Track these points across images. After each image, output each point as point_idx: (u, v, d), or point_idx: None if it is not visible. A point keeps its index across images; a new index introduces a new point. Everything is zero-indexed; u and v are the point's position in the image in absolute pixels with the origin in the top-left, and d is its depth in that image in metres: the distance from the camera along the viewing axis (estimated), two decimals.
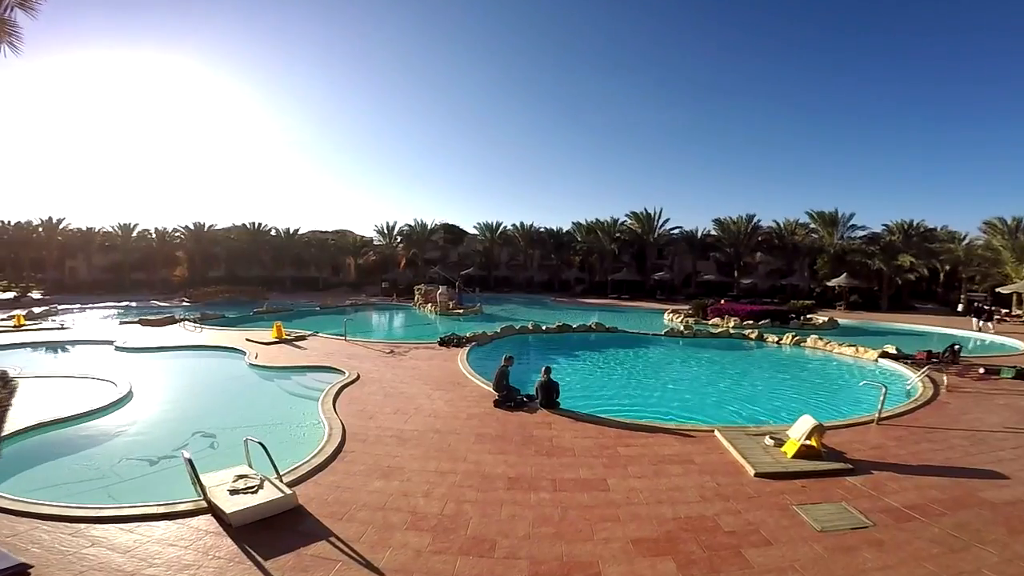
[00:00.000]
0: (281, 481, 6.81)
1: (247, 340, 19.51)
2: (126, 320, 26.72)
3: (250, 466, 7.33)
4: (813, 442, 8.39)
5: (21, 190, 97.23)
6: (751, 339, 22.80)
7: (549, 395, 10.67)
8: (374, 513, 6.38)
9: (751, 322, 27.25)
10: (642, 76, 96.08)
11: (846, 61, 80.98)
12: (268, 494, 6.54)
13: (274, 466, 6.79)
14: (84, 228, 58.24)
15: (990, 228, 42.77)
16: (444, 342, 18.64)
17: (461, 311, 32.12)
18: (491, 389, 11.57)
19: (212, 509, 6.34)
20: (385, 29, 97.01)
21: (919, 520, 6.46)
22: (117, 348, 18.64)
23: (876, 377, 16.35)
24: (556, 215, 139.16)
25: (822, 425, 8.63)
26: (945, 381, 14.15)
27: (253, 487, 6.66)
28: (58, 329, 23.61)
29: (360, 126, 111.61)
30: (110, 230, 57.19)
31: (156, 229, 57.35)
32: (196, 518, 6.23)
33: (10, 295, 45.89)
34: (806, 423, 8.54)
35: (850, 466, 8.14)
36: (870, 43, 77.32)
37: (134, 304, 37.24)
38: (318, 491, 6.98)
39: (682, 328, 24.13)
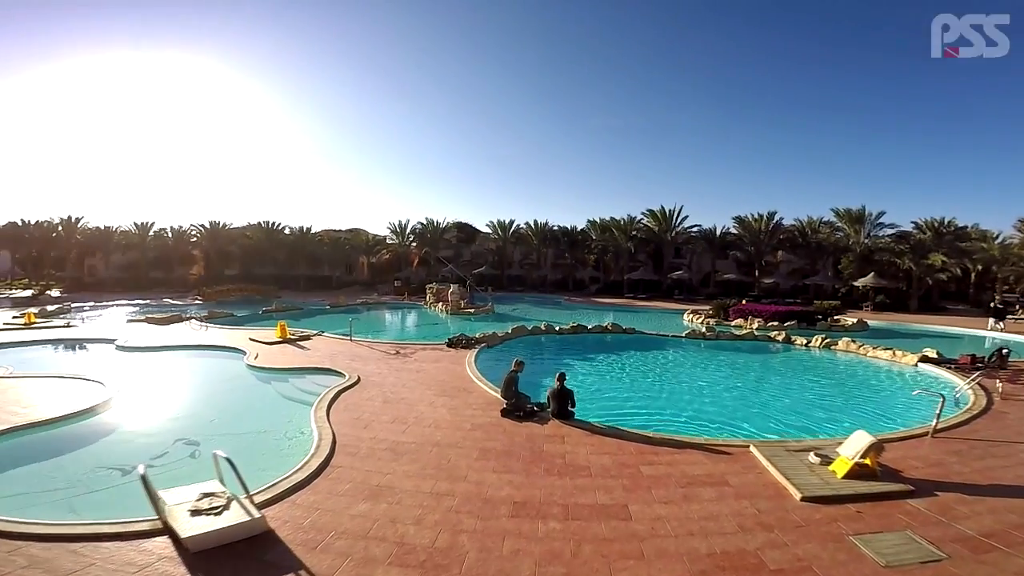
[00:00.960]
0: (251, 501, 5.96)
1: (250, 339, 18.87)
2: (133, 319, 26.36)
3: (221, 482, 6.49)
4: (868, 461, 7.31)
5: (42, 189, 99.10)
6: (777, 341, 21.55)
7: (562, 404, 9.66)
8: (355, 543, 5.48)
9: (776, 323, 25.95)
10: (660, 75, 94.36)
11: (867, 58, 78.29)
12: (233, 516, 5.71)
13: (242, 484, 5.94)
14: (102, 227, 59.02)
15: None
16: (452, 343, 17.75)
17: (472, 310, 31.25)
18: (499, 396, 10.61)
19: (170, 531, 5.54)
20: (400, 28, 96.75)
21: (1001, 550, 5.50)
22: (118, 347, 18.11)
23: (918, 383, 15.12)
24: (570, 213, 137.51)
25: (881, 443, 7.55)
26: (1000, 388, 12.85)
27: (217, 508, 5.84)
28: (64, 327, 23.26)
29: (375, 125, 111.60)
30: (127, 229, 57.86)
31: (172, 228, 57.88)
32: (151, 540, 5.47)
33: (28, 293, 46.39)
34: (861, 440, 7.46)
35: (910, 487, 7.10)
36: (891, 40, 74.52)
37: (147, 302, 37.06)
38: (294, 513, 6.10)
39: (704, 330, 22.92)
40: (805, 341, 20.95)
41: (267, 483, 6.77)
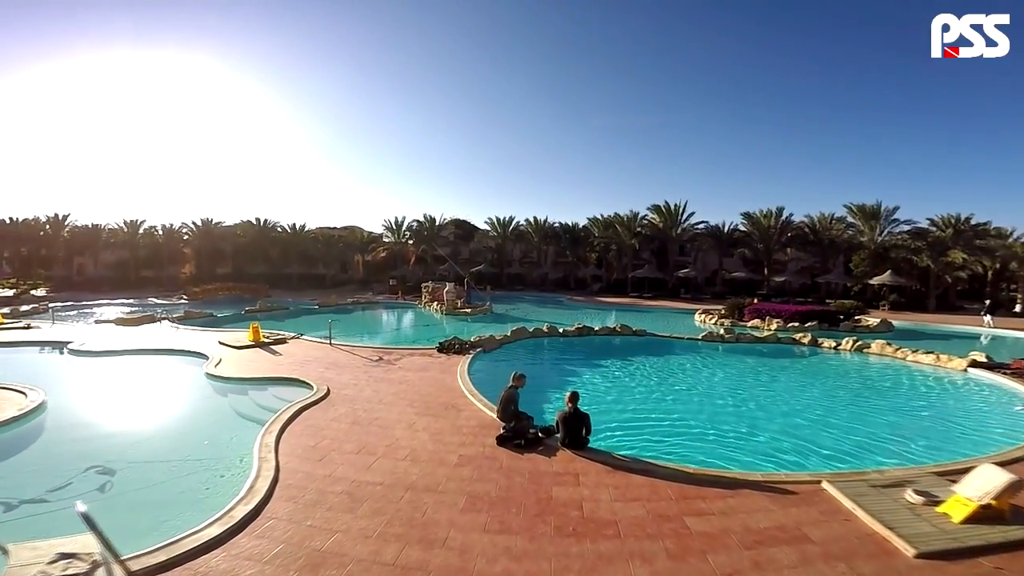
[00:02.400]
0: (124, 569, 4.00)
1: (220, 343, 16.94)
2: (101, 319, 24.40)
3: (100, 539, 4.55)
4: (994, 501, 5.40)
5: (28, 187, 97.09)
6: (803, 344, 19.58)
7: (575, 431, 7.60)
8: None
9: (796, 324, 24.05)
10: (664, 74, 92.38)
11: (874, 56, 76.33)
12: None
13: (108, 547, 4.00)
14: (90, 225, 57.56)
15: None
16: (444, 348, 15.70)
17: (469, 310, 29.27)
18: (495, 416, 8.61)
19: None
20: (396, 23, 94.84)
21: None
22: (70, 351, 16.16)
23: (971, 390, 13.30)
24: (572, 210, 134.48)
25: (1021, 480, 5.60)
26: None
27: None
28: (23, 329, 21.31)
29: (371, 121, 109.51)
30: (116, 227, 56.43)
31: (163, 226, 56.53)
32: None
33: (9, 292, 44.85)
34: (991, 477, 5.58)
35: None
36: (896, 38, 72.43)
37: (131, 301, 35.53)
38: None
39: (722, 331, 20.91)
40: (834, 344, 19.02)
41: (168, 539, 4.88)
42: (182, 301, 36.53)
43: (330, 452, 7.33)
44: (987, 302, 29.88)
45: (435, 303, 31.32)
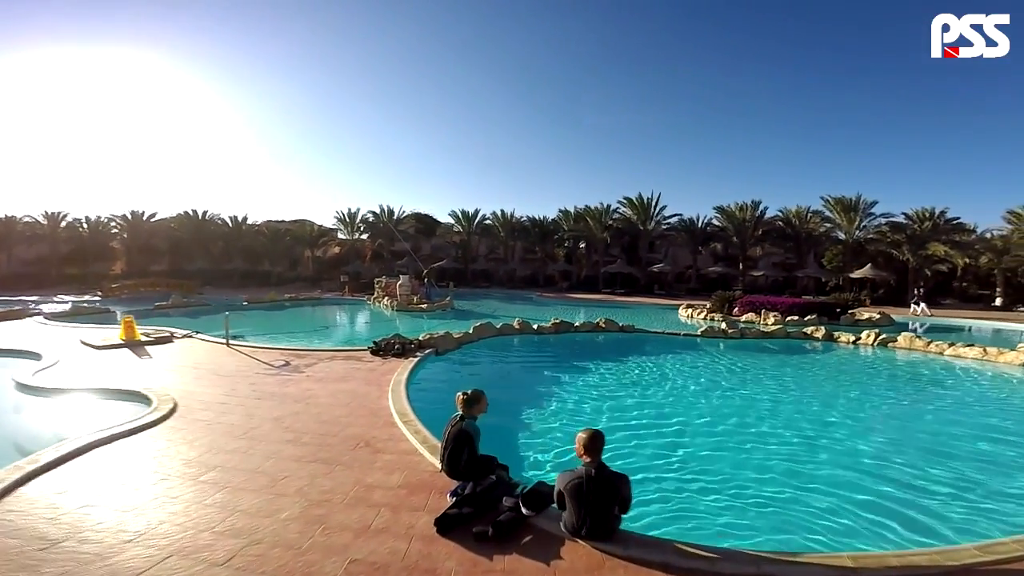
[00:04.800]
0: None
1: (81, 342, 12.71)
2: None
3: None
4: None
5: None
6: (816, 339, 16.82)
7: (602, 512, 3.54)
8: None
9: (795, 317, 21.41)
10: (638, 75, 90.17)
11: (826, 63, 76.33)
12: None
13: None
14: (3, 216, 50.72)
15: (1015, 217, 38.49)
16: (379, 349, 11.76)
17: (425, 306, 25.35)
18: (439, 465, 4.79)
19: None
20: (343, 9, 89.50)
21: None
22: None
23: None
24: (540, 203, 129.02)
25: None
26: None
27: None
28: None
29: (323, 109, 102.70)
30: (34, 220, 49.95)
31: (87, 218, 50.42)
32: None
33: None
34: None
35: None
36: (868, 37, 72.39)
37: (34, 299, 30.50)
38: None
39: (723, 326, 17.84)
40: (852, 338, 16.28)
41: None
42: (96, 298, 31.54)
43: (70, 538, 3.23)
44: (917, 291, 31.50)
45: (387, 298, 27.34)
